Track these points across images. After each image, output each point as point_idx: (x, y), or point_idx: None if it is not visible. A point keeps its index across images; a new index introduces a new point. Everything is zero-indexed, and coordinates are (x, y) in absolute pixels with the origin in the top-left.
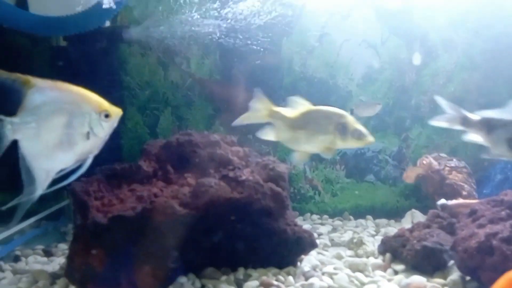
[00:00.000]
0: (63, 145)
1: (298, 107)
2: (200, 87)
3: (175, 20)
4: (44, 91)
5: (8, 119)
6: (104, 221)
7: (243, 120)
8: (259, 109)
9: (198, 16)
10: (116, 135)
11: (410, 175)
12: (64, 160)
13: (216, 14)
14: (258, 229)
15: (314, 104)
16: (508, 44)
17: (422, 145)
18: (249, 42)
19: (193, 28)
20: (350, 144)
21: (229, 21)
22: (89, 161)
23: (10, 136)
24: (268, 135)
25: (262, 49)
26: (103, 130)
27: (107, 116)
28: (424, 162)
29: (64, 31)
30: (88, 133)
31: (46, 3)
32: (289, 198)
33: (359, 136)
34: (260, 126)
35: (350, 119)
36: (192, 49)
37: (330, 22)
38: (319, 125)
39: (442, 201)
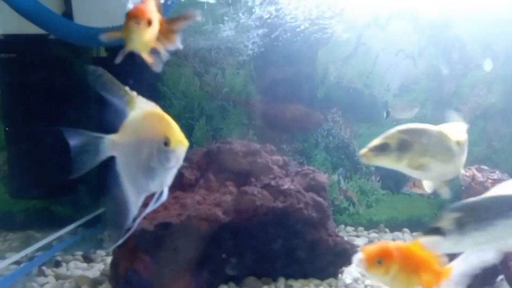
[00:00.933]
0: (148, 170)
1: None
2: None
3: (211, 31)
4: (141, 112)
5: (109, 136)
6: (151, 227)
7: None
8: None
9: (234, 27)
10: None
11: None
12: (149, 187)
13: (252, 24)
14: (299, 239)
15: None
16: None
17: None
18: (284, 52)
19: (228, 38)
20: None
21: (265, 31)
22: (164, 191)
23: (107, 152)
24: None
25: (297, 59)
26: (165, 160)
27: (166, 144)
28: (468, 174)
29: (108, 42)
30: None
31: (91, 14)
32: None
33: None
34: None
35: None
36: (227, 59)
37: (366, 32)
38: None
39: None
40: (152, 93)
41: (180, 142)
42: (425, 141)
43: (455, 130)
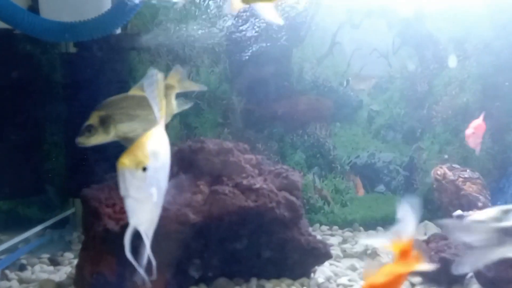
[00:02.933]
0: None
1: None
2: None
3: (185, 28)
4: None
5: None
6: (117, 228)
7: None
8: None
9: (208, 24)
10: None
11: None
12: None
13: (226, 23)
14: (271, 238)
15: None
16: None
17: (433, 156)
18: (258, 51)
19: (202, 36)
20: None
21: (239, 29)
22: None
23: None
24: None
25: (272, 58)
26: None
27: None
28: (439, 172)
29: (76, 37)
30: None
31: (58, 9)
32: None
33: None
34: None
35: None
36: (202, 57)
37: (341, 31)
38: None
39: (459, 212)
40: (123, 90)
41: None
42: (123, 109)
43: None
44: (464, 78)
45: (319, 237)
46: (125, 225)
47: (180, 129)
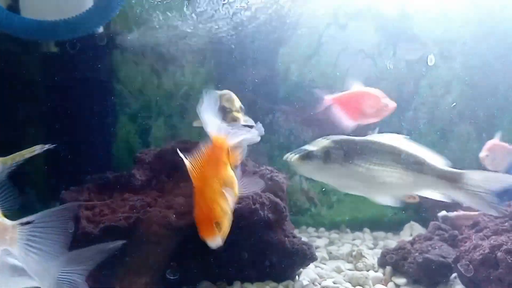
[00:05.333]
0: None
1: None
2: None
3: (170, 27)
4: None
5: None
6: (95, 231)
7: None
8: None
9: (193, 24)
10: (106, 144)
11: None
12: None
13: (212, 23)
14: (255, 240)
15: None
16: (505, 58)
17: None
18: (244, 50)
19: (188, 36)
20: None
21: (225, 29)
22: None
23: None
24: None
25: (258, 58)
26: None
27: None
28: None
29: (57, 36)
30: None
31: (39, 7)
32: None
33: None
34: None
35: None
36: (187, 57)
37: (327, 32)
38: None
39: (443, 213)
40: (106, 91)
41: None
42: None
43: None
44: (449, 79)
45: (304, 239)
46: (104, 228)
47: (165, 130)
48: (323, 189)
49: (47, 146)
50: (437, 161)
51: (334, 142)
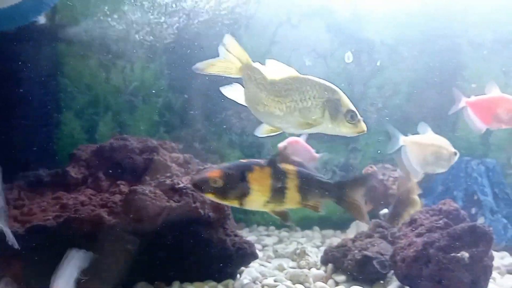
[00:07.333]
0: None
1: (278, 71)
2: None
3: (119, 21)
4: None
5: None
6: (21, 231)
7: (206, 66)
8: (230, 58)
9: (144, 18)
10: (47, 141)
11: None
12: None
13: (164, 18)
14: (195, 240)
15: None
16: (452, 60)
17: (369, 156)
18: (196, 48)
19: (138, 30)
20: (339, 129)
21: (176, 26)
22: None
23: None
24: (234, 94)
25: (210, 56)
26: None
27: None
28: (368, 171)
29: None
30: None
31: None
32: (231, 207)
33: (352, 119)
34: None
35: (345, 97)
36: (137, 52)
37: (280, 31)
38: (304, 96)
39: (384, 211)
40: (51, 85)
41: None
42: None
43: None
44: (398, 80)
45: (252, 238)
46: (31, 227)
47: (113, 127)
48: None
49: None
50: None
51: None
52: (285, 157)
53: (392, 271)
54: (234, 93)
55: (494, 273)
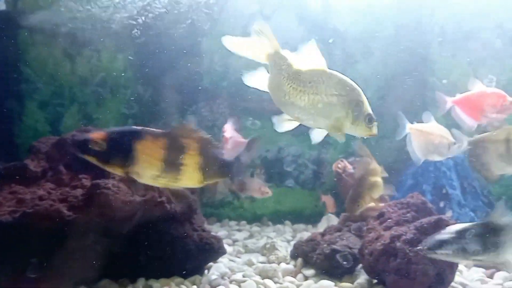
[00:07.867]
0: None
1: (306, 62)
2: None
3: (86, 8)
4: None
5: None
6: None
7: (234, 43)
8: (260, 43)
9: (112, 6)
10: (9, 133)
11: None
12: None
13: (133, 8)
14: (161, 235)
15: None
16: (422, 55)
17: (340, 151)
18: (166, 39)
19: (105, 19)
20: (355, 129)
21: (144, 16)
22: None
23: None
24: (256, 80)
25: (180, 47)
26: None
27: None
28: (339, 166)
29: None
30: None
31: None
32: (199, 201)
33: (369, 123)
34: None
35: (366, 99)
36: (104, 41)
37: (252, 22)
38: (329, 91)
39: None
40: (12, 75)
41: None
42: None
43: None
44: (368, 75)
45: (223, 233)
46: None
47: (78, 119)
48: None
49: None
50: None
51: None
52: (188, 130)
53: (360, 266)
54: (257, 78)
55: (461, 267)
